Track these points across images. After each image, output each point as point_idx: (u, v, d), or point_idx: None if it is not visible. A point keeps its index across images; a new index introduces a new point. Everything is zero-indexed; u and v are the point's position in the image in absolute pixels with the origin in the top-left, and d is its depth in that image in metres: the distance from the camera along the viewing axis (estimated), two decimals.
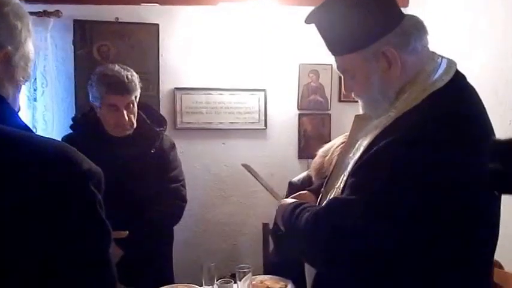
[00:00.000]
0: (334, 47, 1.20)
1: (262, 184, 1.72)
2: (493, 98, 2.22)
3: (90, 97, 1.99)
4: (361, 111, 1.26)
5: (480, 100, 1.12)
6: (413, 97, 1.08)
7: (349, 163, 1.20)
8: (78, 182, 0.76)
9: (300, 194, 1.64)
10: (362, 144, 1.16)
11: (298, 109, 3.34)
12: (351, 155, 1.22)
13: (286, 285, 1.97)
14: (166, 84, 3.14)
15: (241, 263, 1.93)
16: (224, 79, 3.20)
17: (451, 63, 1.13)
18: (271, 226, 2.69)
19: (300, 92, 3.33)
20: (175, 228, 2.29)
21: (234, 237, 3.32)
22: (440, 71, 1.10)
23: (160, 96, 3.11)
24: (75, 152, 0.80)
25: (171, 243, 2.30)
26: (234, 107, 3.23)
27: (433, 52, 1.17)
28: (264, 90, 3.25)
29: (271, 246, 2.95)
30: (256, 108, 3.26)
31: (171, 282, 2.11)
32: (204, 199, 3.29)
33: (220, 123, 3.22)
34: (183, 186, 2.15)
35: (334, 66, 1.28)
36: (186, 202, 2.15)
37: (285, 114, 3.34)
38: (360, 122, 1.26)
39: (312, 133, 3.35)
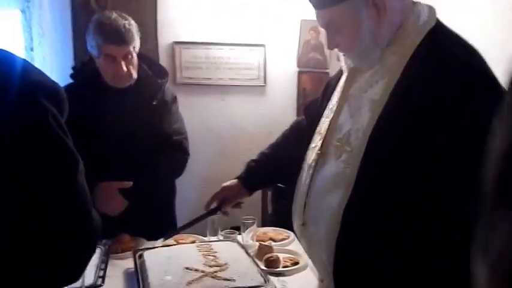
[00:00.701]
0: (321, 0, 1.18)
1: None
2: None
3: (88, 46, 1.94)
4: (344, 68, 1.27)
5: None
6: (410, 41, 1.12)
7: (352, 118, 1.20)
8: (25, 94, 0.73)
9: (222, 190, 1.69)
10: (371, 96, 1.16)
11: (298, 66, 3.31)
12: (347, 109, 1.23)
13: (288, 237, 2.01)
14: (165, 38, 3.09)
15: (239, 218, 1.95)
16: (224, 33, 3.15)
17: (430, 8, 1.17)
18: None
19: (300, 49, 3.29)
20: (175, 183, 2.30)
21: None
22: (425, 13, 1.14)
23: (159, 50, 3.06)
24: (27, 62, 0.78)
25: (173, 197, 2.32)
26: (233, 63, 3.19)
27: None
28: (263, 45, 3.21)
29: (270, 203, 3.01)
30: (256, 65, 3.23)
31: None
32: (202, 155, 3.30)
33: (220, 79, 3.19)
34: (186, 139, 2.15)
35: None
36: (188, 155, 2.15)
37: (284, 72, 3.31)
38: (351, 77, 1.25)
39: (310, 92, 3.34)
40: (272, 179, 1.90)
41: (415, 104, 1.07)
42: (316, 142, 1.35)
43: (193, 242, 1.87)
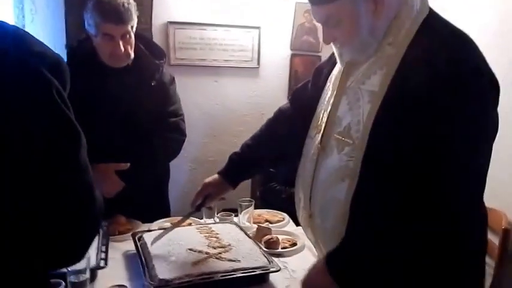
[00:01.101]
0: None
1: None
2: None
3: (86, 24, 1.91)
4: (339, 62, 1.29)
5: None
6: (405, 32, 1.14)
7: (351, 110, 1.23)
8: (28, 66, 0.71)
9: (204, 187, 1.66)
10: (369, 87, 1.18)
11: (291, 49, 3.31)
12: (345, 102, 1.25)
13: (283, 218, 2.04)
14: (159, 18, 3.04)
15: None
16: (218, 14, 3.12)
17: None
18: None
19: (294, 32, 3.28)
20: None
21: None
22: (418, 2, 1.16)
23: (153, 30, 3.02)
24: (28, 34, 0.75)
25: (167, 179, 2.33)
26: (227, 44, 3.17)
27: None
28: (258, 27, 3.19)
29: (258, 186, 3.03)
30: (250, 47, 3.21)
31: (169, 215, 2.16)
32: (195, 137, 3.29)
33: (214, 60, 3.17)
34: (183, 120, 2.15)
35: None
36: (185, 136, 2.15)
37: (277, 54, 3.31)
38: (347, 70, 1.27)
39: (302, 74, 3.34)
40: (255, 170, 1.87)
41: (413, 93, 1.08)
42: (314, 135, 1.37)
43: (190, 224, 1.88)
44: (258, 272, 1.37)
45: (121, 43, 1.86)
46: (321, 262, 1.19)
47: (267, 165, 1.98)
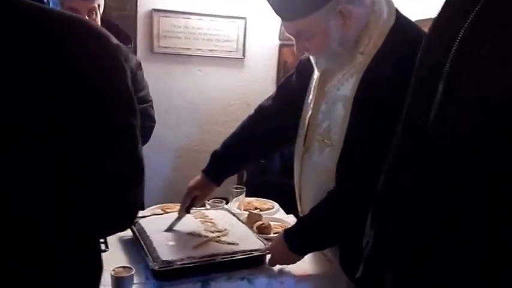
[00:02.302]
0: (291, 12, 1.25)
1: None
2: None
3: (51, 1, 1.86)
4: (315, 68, 1.37)
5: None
6: (374, 42, 1.23)
7: (329, 114, 1.32)
8: (110, 54, 0.80)
9: (189, 191, 1.65)
10: (343, 93, 1.28)
11: (280, 39, 3.34)
12: (324, 106, 1.34)
13: (273, 207, 2.09)
14: (144, 5, 3.02)
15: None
16: (205, 4, 3.12)
17: (388, 2, 1.27)
18: None
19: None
20: (149, 153, 2.29)
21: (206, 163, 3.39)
22: (385, 11, 1.25)
23: (137, 17, 3.00)
24: (102, 28, 0.84)
25: None
26: (212, 34, 3.19)
27: None
28: (244, 18, 3.21)
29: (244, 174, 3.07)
30: (235, 37, 3.24)
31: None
32: (178, 126, 3.30)
33: (198, 49, 3.18)
34: (151, 107, 2.12)
35: None
36: (155, 122, 2.14)
37: (264, 44, 3.34)
38: (324, 77, 1.35)
39: (291, 64, 3.38)
40: (237, 168, 1.88)
41: (372, 98, 1.19)
42: (301, 135, 1.45)
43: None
44: (256, 254, 1.41)
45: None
46: (280, 235, 1.39)
47: (249, 163, 2.01)
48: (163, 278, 1.32)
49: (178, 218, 1.62)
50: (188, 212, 1.67)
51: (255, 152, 1.71)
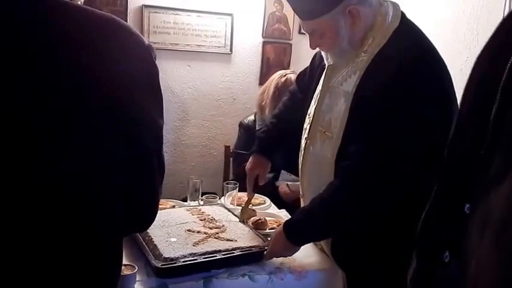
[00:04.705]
0: (306, 13, 1.35)
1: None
2: (453, 36, 2.45)
3: None
4: (326, 62, 1.45)
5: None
6: (377, 42, 1.31)
7: (331, 107, 1.40)
8: (145, 53, 0.85)
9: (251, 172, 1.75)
10: (345, 88, 1.36)
11: (263, 37, 3.38)
12: (328, 99, 1.43)
13: (264, 201, 2.14)
14: (134, 1, 3.03)
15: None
16: (193, 0, 3.14)
17: (394, 5, 1.36)
18: (232, 149, 2.83)
19: (266, 20, 3.36)
20: None
21: (195, 159, 3.43)
22: (390, 14, 1.33)
23: (128, 13, 3.00)
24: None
25: None
26: (201, 30, 3.20)
27: None
28: (231, 14, 3.24)
29: (231, 169, 3.10)
30: (223, 33, 3.26)
31: None
32: (167, 120, 3.29)
33: (187, 45, 3.20)
34: None
35: None
36: None
37: (250, 41, 3.37)
38: (330, 72, 1.44)
39: (273, 61, 3.44)
40: (281, 145, 1.91)
41: (367, 97, 1.27)
42: (305, 126, 1.53)
43: (173, 206, 1.92)
44: (255, 250, 1.46)
45: None
46: (279, 228, 1.44)
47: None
48: (166, 275, 1.33)
49: (248, 201, 1.75)
50: (255, 192, 1.79)
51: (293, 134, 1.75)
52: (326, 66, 1.46)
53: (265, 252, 1.46)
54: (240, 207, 1.91)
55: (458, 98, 0.88)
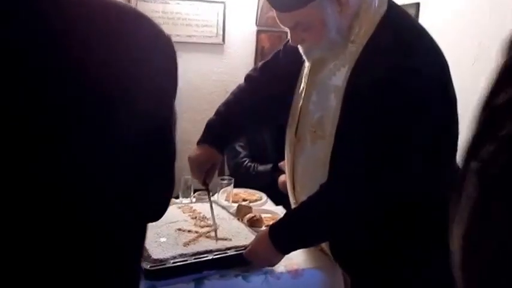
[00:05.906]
0: (289, 3, 1.19)
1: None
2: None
3: None
4: (305, 58, 1.31)
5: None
6: (365, 30, 1.20)
7: (321, 104, 1.28)
8: (170, 49, 0.84)
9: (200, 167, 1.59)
10: (335, 82, 1.24)
11: (257, 25, 3.28)
12: (315, 96, 1.30)
13: (261, 198, 2.05)
14: None
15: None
16: None
17: None
18: None
19: (259, 8, 3.26)
20: None
21: (187, 153, 3.33)
22: (376, 1, 1.21)
23: None
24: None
25: None
26: (191, 19, 3.11)
27: None
28: (223, 2, 3.14)
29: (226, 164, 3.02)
30: (215, 22, 3.16)
31: None
32: None
33: (177, 35, 3.10)
34: None
35: None
36: None
37: (243, 30, 3.28)
38: (315, 66, 1.31)
39: (268, 51, 3.33)
40: (236, 135, 1.77)
41: (364, 88, 1.16)
42: (291, 125, 1.41)
43: None
44: None
45: None
46: (264, 232, 1.33)
47: (245, 131, 1.93)
48: (156, 277, 1.26)
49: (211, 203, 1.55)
50: (207, 186, 1.56)
51: (250, 121, 1.61)
52: (306, 61, 1.33)
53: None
54: (236, 205, 1.83)
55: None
